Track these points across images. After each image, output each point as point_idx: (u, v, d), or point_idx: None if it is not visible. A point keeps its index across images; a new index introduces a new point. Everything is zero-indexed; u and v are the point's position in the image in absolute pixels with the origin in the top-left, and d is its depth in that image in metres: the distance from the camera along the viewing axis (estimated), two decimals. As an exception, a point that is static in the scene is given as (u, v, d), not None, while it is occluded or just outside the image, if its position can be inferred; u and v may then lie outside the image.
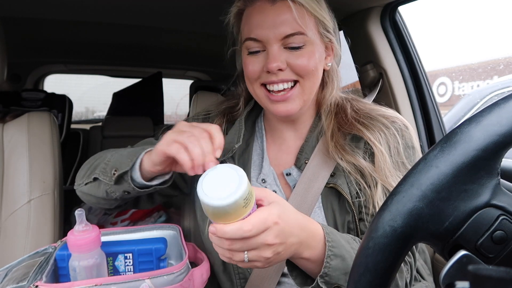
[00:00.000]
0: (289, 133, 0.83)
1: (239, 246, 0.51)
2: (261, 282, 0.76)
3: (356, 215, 0.73)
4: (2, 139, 1.03)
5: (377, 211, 0.37)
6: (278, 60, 0.71)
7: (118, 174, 0.73)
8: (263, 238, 0.51)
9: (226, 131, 0.87)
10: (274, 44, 0.72)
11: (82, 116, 4.46)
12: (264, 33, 0.72)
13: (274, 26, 0.71)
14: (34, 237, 0.96)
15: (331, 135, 0.77)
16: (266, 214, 0.52)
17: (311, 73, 0.74)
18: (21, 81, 2.45)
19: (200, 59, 2.36)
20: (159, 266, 0.76)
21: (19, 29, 1.60)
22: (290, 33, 0.71)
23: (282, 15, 0.71)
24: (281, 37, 0.71)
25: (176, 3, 1.28)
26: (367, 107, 0.81)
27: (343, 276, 0.59)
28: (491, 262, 0.35)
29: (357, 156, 0.73)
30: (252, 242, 0.51)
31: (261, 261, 0.53)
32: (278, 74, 0.73)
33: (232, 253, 0.53)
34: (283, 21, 0.71)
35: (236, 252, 0.52)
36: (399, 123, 0.78)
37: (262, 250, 0.52)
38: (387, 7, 1.20)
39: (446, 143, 0.35)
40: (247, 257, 0.52)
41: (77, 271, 0.66)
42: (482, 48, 5.80)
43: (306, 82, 0.74)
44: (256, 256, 0.52)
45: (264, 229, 0.51)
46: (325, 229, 0.60)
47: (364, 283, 0.36)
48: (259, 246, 0.52)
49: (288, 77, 0.73)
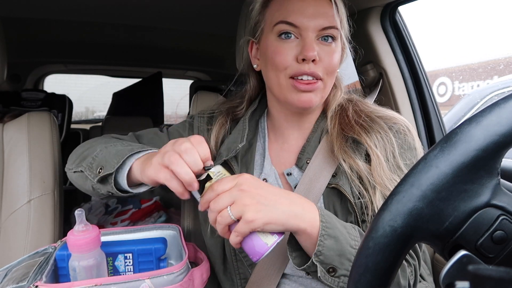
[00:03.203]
0: (292, 132, 0.83)
1: (217, 202, 0.58)
2: (261, 282, 0.76)
3: (359, 216, 0.73)
4: (2, 139, 1.03)
5: (377, 211, 0.37)
6: (314, 49, 0.71)
7: (101, 176, 0.72)
8: (236, 186, 0.58)
9: (230, 130, 0.87)
10: (311, 33, 0.72)
11: (82, 116, 4.46)
12: (305, 20, 0.71)
13: (314, 15, 0.71)
14: (34, 237, 0.96)
15: (336, 136, 0.77)
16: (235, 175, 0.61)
17: (334, 71, 0.75)
18: (21, 81, 2.45)
19: (200, 59, 2.36)
20: (159, 266, 0.76)
21: (19, 29, 1.60)
22: (328, 26, 0.72)
23: (323, 7, 0.72)
24: (320, 27, 0.72)
25: (176, 3, 1.28)
26: (368, 109, 0.81)
27: (337, 258, 0.60)
28: (491, 262, 0.35)
29: (357, 159, 0.74)
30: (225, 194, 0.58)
31: (246, 211, 0.57)
32: (311, 65, 0.71)
33: (220, 215, 0.58)
34: (324, 13, 0.72)
35: (221, 212, 0.58)
36: (400, 124, 0.78)
37: (240, 198, 0.57)
38: (387, 7, 1.20)
39: (446, 143, 0.35)
40: (229, 210, 0.57)
41: (77, 271, 0.66)
42: (482, 48, 5.80)
43: (328, 80, 0.75)
44: (237, 205, 0.57)
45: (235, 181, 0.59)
46: (320, 211, 0.62)
47: (364, 283, 0.36)
48: (234, 195, 0.58)
49: (318, 71, 0.72)
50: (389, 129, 0.76)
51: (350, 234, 0.63)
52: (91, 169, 0.75)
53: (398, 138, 0.76)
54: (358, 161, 0.73)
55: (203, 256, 0.83)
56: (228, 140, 0.84)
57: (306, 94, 0.73)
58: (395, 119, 0.78)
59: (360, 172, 0.73)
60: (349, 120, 0.78)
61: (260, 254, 0.59)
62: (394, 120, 0.78)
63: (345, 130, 0.77)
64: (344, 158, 0.74)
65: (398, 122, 0.78)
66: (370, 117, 0.78)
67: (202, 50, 2.11)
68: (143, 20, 1.51)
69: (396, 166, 0.74)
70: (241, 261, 0.79)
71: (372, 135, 0.74)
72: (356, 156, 0.74)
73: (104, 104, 3.04)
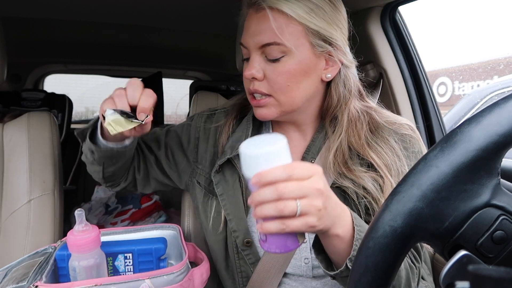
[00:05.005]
0: (295, 134, 0.83)
1: (290, 189, 0.48)
2: (262, 281, 0.76)
3: (363, 216, 0.73)
4: (2, 139, 1.03)
5: (377, 211, 0.37)
6: (252, 68, 0.72)
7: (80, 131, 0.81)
8: (314, 181, 0.50)
9: (234, 129, 0.87)
10: (254, 52, 0.72)
11: (82, 116, 4.46)
12: (246, 40, 0.73)
13: (254, 34, 0.71)
14: (34, 237, 0.96)
15: (336, 151, 0.74)
16: (311, 165, 0.51)
17: (282, 88, 0.72)
18: (21, 81, 2.45)
19: (200, 59, 2.36)
20: (159, 266, 0.76)
21: (19, 29, 1.60)
22: (266, 43, 0.70)
23: (263, 23, 0.70)
24: (258, 45, 0.71)
25: (176, 3, 1.28)
26: (381, 121, 0.78)
27: None
28: (491, 262, 0.35)
29: (364, 180, 0.72)
30: (303, 185, 0.49)
31: (312, 214, 0.50)
32: (254, 83, 0.73)
33: (284, 203, 0.48)
34: (262, 30, 0.70)
35: (287, 201, 0.48)
36: (409, 134, 0.76)
37: (314, 198, 0.50)
38: (387, 7, 1.20)
39: (446, 143, 0.35)
40: (299, 205, 0.49)
41: (77, 271, 0.66)
42: (482, 48, 5.80)
43: (281, 97, 0.73)
44: (308, 205, 0.49)
45: (313, 173, 0.50)
46: (352, 214, 0.59)
47: (364, 283, 0.36)
48: (310, 191, 0.49)
49: (262, 89, 0.73)
50: (395, 134, 0.76)
51: None
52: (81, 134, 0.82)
53: (405, 143, 0.75)
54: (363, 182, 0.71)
55: (203, 256, 0.83)
56: (232, 139, 0.84)
57: (259, 109, 0.76)
58: (403, 126, 0.77)
59: (365, 186, 0.72)
60: (359, 137, 0.75)
61: (288, 250, 0.55)
62: (403, 130, 0.77)
63: (355, 147, 0.74)
64: (343, 173, 0.73)
65: (407, 132, 0.77)
66: (381, 128, 0.76)
67: (202, 50, 2.11)
68: (143, 20, 1.51)
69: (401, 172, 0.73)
70: (244, 259, 0.79)
71: (378, 149, 0.73)
72: (365, 177, 0.72)
73: (104, 104, 3.02)
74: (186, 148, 0.90)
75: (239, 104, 0.90)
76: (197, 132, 0.90)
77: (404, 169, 0.73)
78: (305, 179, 0.50)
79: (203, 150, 0.88)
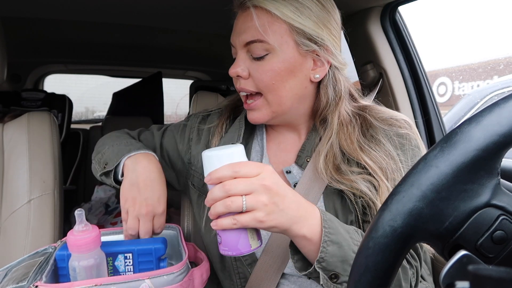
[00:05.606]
0: (289, 134, 0.83)
1: (235, 185, 0.52)
2: (261, 282, 0.76)
3: (360, 215, 0.72)
4: (2, 139, 1.03)
5: (377, 211, 0.37)
6: (237, 66, 0.73)
7: (103, 171, 0.81)
8: (261, 178, 0.54)
9: (227, 129, 0.87)
10: (239, 51, 0.73)
11: (82, 116, 4.46)
12: (233, 39, 0.74)
13: (239, 32, 0.72)
14: (34, 237, 0.96)
15: (326, 155, 0.73)
16: (260, 163, 0.56)
17: (268, 86, 0.71)
18: (21, 81, 2.45)
19: (200, 59, 2.36)
20: (159, 266, 0.76)
21: (19, 29, 1.60)
22: (250, 41, 0.70)
23: (248, 22, 0.70)
24: (243, 43, 0.71)
25: (176, 3, 1.28)
26: (376, 122, 0.77)
27: (340, 264, 0.58)
28: (491, 262, 0.35)
29: (358, 183, 0.71)
30: (250, 181, 0.53)
31: (260, 209, 0.53)
32: (240, 81, 0.74)
33: (230, 199, 0.53)
34: (247, 28, 0.70)
35: (234, 197, 0.53)
36: (407, 133, 0.75)
37: (260, 194, 0.53)
38: (387, 7, 1.20)
39: (446, 143, 0.35)
40: (245, 202, 0.52)
41: (77, 271, 0.66)
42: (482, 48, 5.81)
43: (269, 96, 0.73)
44: (254, 200, 0.53)
45: (259, 171, 0.54)
46: (323, 215, 0.60)
47: (364, 283, 0.36)
48: (256, 188, 0.53)
49: (248, 87, 0.73)
50: (391, 132, 0.75)
51: (353, 239, 0.61)
52: (99, 164, 0.84)
53: (402, 138, 0.75)
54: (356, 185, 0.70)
55: (203, 256, 0.83)
56: (224, 139, 0.84)
57: (251, 112, 0.76)
58: (400, 124, 0.76)
59: (360, 189, 0.71)
60: (351, 141, 0.74)
61: (239, 253, 0.57)
62: (402, 129, 0.76)
63: (347, 151, 0.74)
64: (334, 178, 0.72)
65: (405, 131, 0.76)
66: (376, 129, 0.75)
67: (202, 50, 2.11)
68: (143, 20, 1.51)
69: (392, 179, 0.72)
70: (240, 261, 0.79)
71: (372, 153, 0.72)
72: (358, 180, 0.71)
73: (104, 104, 3.04)
74: (181, 149, 0.90)
75: (232, 105, 0.91)
76: (191, 132, 0.90)
77: (400, 173, 0.72)
78: (252, 176, 0.53)
79: (196, 151, 0.88)
